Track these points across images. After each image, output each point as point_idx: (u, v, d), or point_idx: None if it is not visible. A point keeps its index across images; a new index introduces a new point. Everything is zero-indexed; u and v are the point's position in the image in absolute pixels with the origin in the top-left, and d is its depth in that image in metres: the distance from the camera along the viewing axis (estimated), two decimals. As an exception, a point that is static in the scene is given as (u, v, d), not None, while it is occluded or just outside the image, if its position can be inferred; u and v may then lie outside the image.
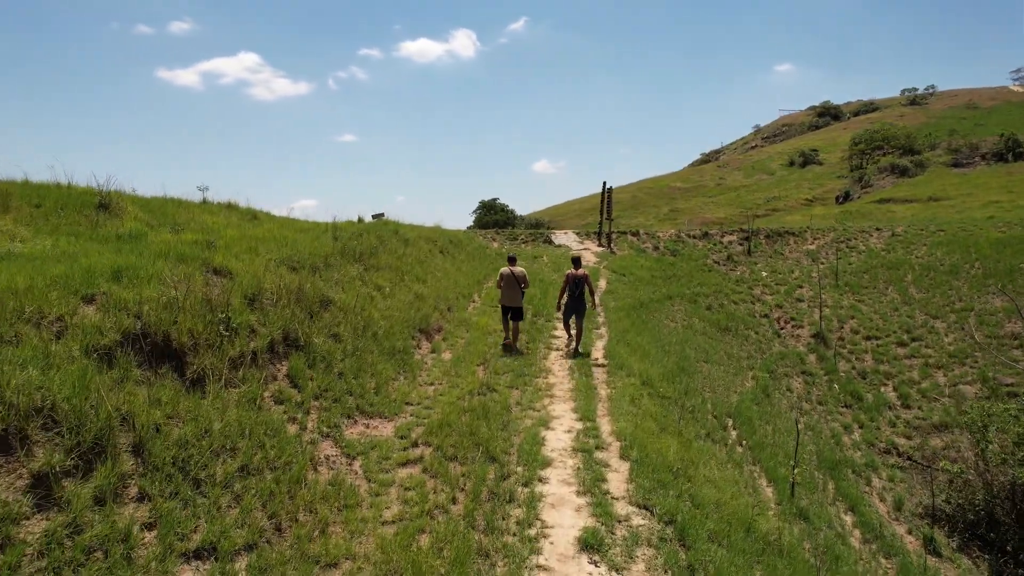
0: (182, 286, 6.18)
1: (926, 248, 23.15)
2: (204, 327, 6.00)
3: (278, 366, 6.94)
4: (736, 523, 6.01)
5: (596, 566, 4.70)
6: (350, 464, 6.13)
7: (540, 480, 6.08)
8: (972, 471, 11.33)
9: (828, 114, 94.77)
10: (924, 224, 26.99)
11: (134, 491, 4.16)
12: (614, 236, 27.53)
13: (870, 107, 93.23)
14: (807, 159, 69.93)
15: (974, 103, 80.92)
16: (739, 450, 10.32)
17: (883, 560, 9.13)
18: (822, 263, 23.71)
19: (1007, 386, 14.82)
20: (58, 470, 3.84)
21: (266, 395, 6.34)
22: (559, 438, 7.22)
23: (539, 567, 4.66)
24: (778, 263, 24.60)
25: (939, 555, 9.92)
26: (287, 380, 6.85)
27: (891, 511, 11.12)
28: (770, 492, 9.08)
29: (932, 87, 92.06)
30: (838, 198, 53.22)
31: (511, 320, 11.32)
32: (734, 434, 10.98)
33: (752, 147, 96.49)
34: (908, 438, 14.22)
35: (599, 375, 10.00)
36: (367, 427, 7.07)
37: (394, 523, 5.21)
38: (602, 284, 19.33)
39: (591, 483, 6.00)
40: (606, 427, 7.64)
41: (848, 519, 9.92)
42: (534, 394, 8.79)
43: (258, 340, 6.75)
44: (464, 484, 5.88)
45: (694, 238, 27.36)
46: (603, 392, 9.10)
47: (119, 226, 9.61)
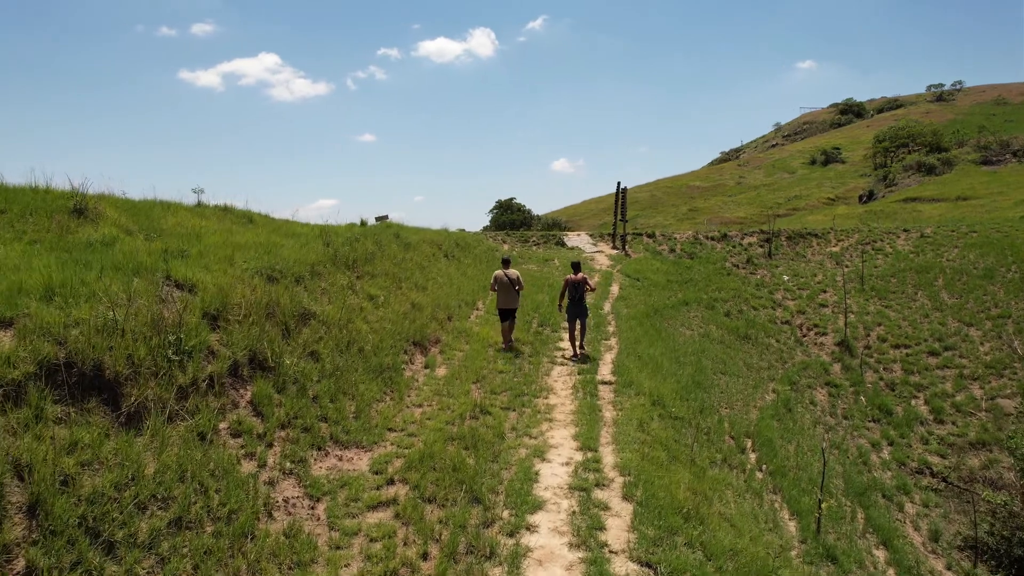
0: (126, 305, 5.48)
1: (958, 250, 21.95)
2: (148, 352, 5.30)
3: (241, 392, 6.24)
4: (755, 579, 5.20)
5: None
6: (312, 508, 5.39)
7: (528, 528, 5.29)
8: (1019, 500, 10.33)
9: (851, 111, 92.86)
10: (954, 224, 25.72)
11: (20, 565, 3.45)
12: (629, 238, 26.60)
13: (894, 104, 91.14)
14: (829, 157, 68.44)
15: (1003, 99, 78.63)
16: (759, 476, 9.45)
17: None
18: (847, 266, 22.62)
19: (1051, 401, 13.77)
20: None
21: (222, 427, 5.63)
22: (555, 473, 6.43)
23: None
24: (800, 266, 23.54)
25: (982, 595, 9.01)
26: (250, 408, 6.13)
27: (927, 542, 10.19)
28: (793, 528, 8.21)
29: (959, 83, 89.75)
30: (861, 197, 51.81)
31: (507, 322, 11.29)
32: (753, 457, 10.11)
33: (773, 145, 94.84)
34: (942, 456, 13.22)
35: (605, 394, 9.18)
36: (340, 459, 6.33)
37: (353, 585, 4.48)
38: (614, 289, 18.45)
39: (587, 532, 5.21)
40: (609, 458, 6.84)
41: (880, 555, 9.01)
42: (532, 417, 8.00)
43: (218, 363, 6.05)
44: (440, 533, 5.11)
45: (712, 240, 26.34)
46: (608, 415, 8.29)
47: (92, 232, 8.98)
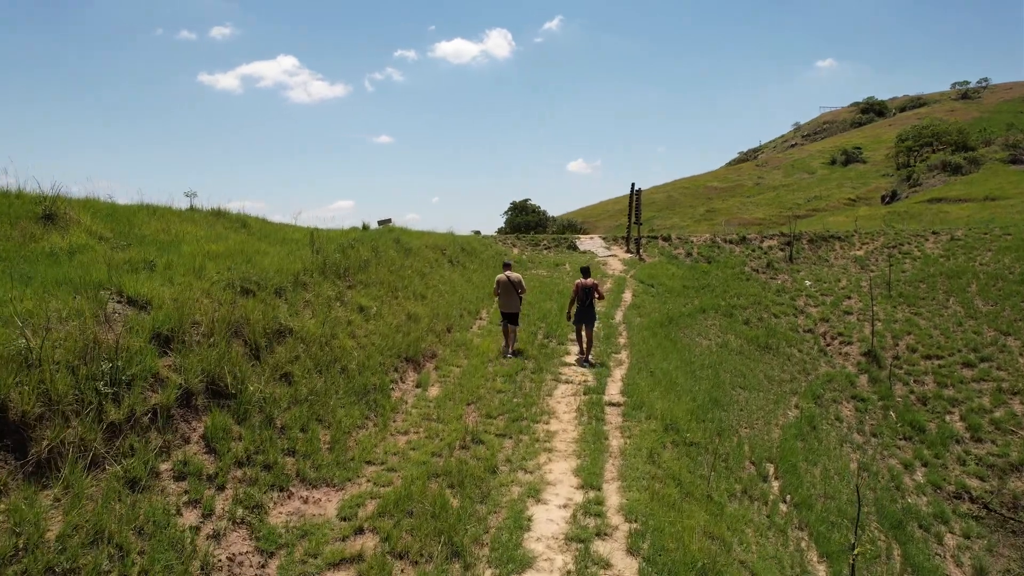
0: (48, 329, 4.75)
1: (991, 254, 20.75)
2: (72, 385, 4.57)
3: (194, 424, 5.49)
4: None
5: None
6: (263, 567, 4.61)
7: (514, 594, 4.49)
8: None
9: (872, 110, 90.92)
10: (986, 226, 24.47)
11: None
12: (644, 241, 25.67)
13: (917, 102, 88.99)
14: (850, 157, 66.88)
15: (1032, 96, 76.37)
16: (783, 508, 8.55)
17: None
18: (872, 271, 21.54)
19: (1101, 420, 12.69)
20: None
21: (164, 469, 4.89)
22: (551, 518, 5.61)
23: None
24: (823, 271, 22.47)
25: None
26: (202, 444, 5.38)
27: (971, 581, 9.22)
28: (823, 572, 7.31)
29: (985, 80, 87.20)
30: (884, 198, 50.35)
31: (509, 325, 11.10)
32: (776, 486, 9.21)
33: (792, 145, 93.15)
34: (981, 479, 12.18)
35: (613, 418, 8.33)
36: (305, 502, 5.56)
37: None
38: (627, 296, 17.56)
39: (583, 601, 4.40)
40: (614, 499, 6.01)
41: (921, 600, 8.09)
42: (529, 447, 7.17)
43: (164, 393, 5.30)
44: (409, 601, 4.33)
45: (730, 243, 25.33)
46: (615, 443, 7.44)
47: (58, 240, 8.32)
